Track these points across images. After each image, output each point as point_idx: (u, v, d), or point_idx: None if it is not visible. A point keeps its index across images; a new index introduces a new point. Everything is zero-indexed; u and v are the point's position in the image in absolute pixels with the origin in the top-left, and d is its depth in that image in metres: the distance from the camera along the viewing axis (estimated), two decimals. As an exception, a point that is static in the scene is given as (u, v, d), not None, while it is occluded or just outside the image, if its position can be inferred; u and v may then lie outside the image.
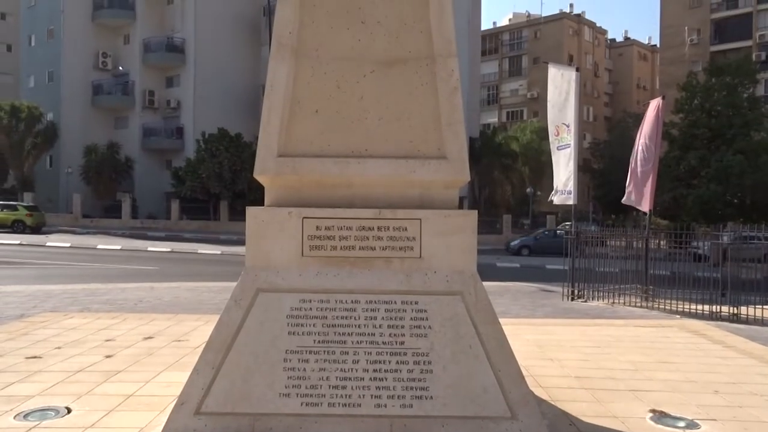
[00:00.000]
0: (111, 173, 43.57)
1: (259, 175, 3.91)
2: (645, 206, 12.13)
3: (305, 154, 3.89)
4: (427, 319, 3.78)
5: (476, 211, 3.97)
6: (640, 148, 12.42)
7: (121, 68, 47.86)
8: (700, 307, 10.24)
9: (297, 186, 3.92)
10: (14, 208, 35.30)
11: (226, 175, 38.16)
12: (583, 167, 44.58)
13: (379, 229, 3.82)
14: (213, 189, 38.69)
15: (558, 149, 12.71)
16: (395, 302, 3.80)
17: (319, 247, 3.83)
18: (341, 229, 3.83)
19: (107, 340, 6.85)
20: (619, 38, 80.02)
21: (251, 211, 3.89)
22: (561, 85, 12.71)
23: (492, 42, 73.57)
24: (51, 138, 44.58)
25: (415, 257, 3.83)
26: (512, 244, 32.70)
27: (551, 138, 12.94)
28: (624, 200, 12.58)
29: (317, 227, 3.83)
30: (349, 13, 3.90)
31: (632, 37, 78.89)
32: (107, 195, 44.15)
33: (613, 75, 76.97)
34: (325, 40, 3.90)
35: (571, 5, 73.19)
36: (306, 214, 3.83)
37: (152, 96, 47.22)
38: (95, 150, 43.53)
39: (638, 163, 12.42)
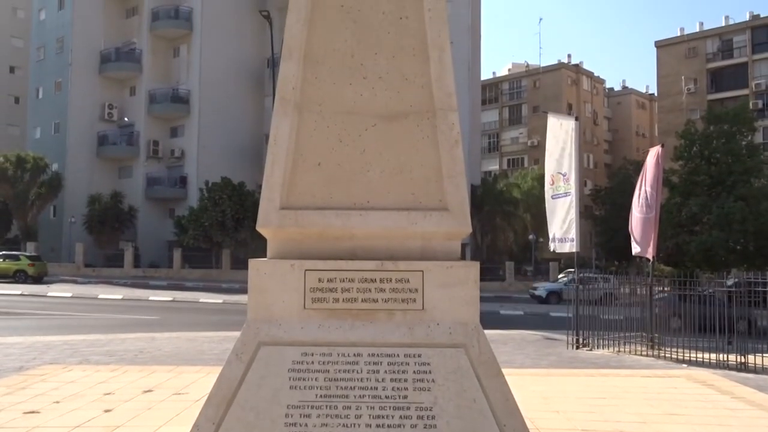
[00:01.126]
0: (114, 222, 43.77)
1: (261, 228, 3.93)
2: (649, 253, 12.12)
3: (308, 207, 3.91)
4: (430, 372, 3.74)
5: (478, 263, 3.97)
6: (641, 195, 12.49)
7: (126, 119, 48.63)
8: (707, 355, 10.12)
9: (299, 238, 3.93)
10: (16, 258, 35.36)
11: (228, 224, 38.29)
12: (584, 214, 44.67)
13: (381, 281, 3.82)
14: (215, 237, 38.76)
15: (552, 198, 12.78)
16: (398, 355, 3.76)
17: (321, 299, 3.82)
18: (343, 281, 3.82)
19: (106, 394, 6.76)
20: (617, 87, 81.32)
21: (254, 264, 3.89)
22: (559, 135, 12.87)
23: (492, 91, 74.80)
24: (55, 188, 44.95)
25: (417, 309, 3.81)
26: (537, 290, 29.78)
27: (546, 187, 13.04)
28: (634, 252, 12.56)
29: (319, 279, 3.82)
30: (352, 69, 3.98)
31: (630, 86, 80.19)
32: (110, 244, 44.24)
33: (612, 123, 77.92)
34: (328, 95, 3.98)
35: (569, 56, 74.77)
36: (308, 267, 3.83)
37: (156, 146, 47.83)
38: (99, 199, 43.84)
39: (640, 210, 12.48)
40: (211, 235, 38.72)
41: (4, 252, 36.71)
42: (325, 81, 3.98)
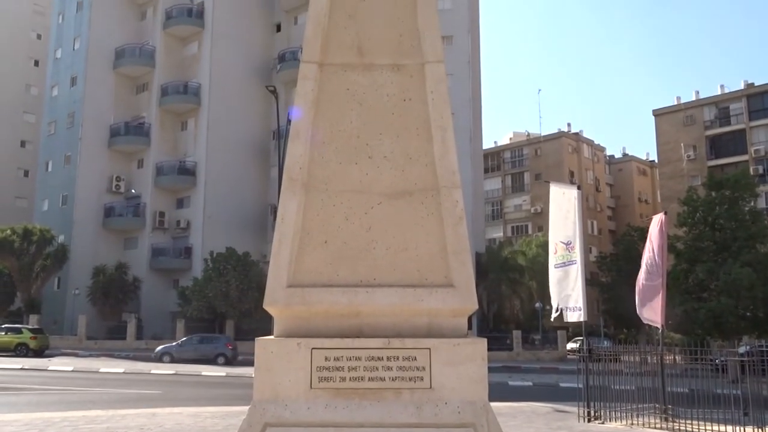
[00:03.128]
0: (118, 294, 43.63)
1: (268, 306, 3.94)
2: (658, 321, 12.00)
3: (314, 284, 3.94)
4: (439, 453, 3.66)
5: (485, 340, 3.94)
6: (647, 262, 12.48)
7: (133, 191, 49.26)
8: (722, 427, 9.86)
9: (306, 316, 3.94)
10: (18, 331, 35.07)
11: (233, 294, 38.12)
12: (590, 281, 44.38)
13: (388, 359, 3.79)
14: (219, 308, 38.52)
15: (555, 267, 12.74)
16: (406, 436, 3.69)
17: (327, 378, 3.78)
18: (350, 359, 3.79)
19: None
20: (618, 155, 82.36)
21: (260, 343, 3.88)
22: (562, 204, 12.97)
23: (494, 160, 75.84)
24: (60, 260, 45.06)
25: (425, 388, 3.77)
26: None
27: (550, 256, 13.04)
28: (644, 320, 12.45)
29: (326, 358, 3.80)
30: (357, 149, 4.09)
31: (630, 154, 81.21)
32: (113, 316, 43.95)
33: (614, 189, 78.55)
34: (334, 174, 4.07)
35: (569, 124, 76.13)
36: (315, 345, 3.81)
37: (162, 217, 48.25)
38: (103, 271, 43.86)
39: (647, 277, 12.44)
40: (215, 306, 38.49)
41: (6, 325, 36.45)
42: (331, 161, 4.08)
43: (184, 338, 33.82)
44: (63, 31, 53.25)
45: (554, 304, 12.66)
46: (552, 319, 13.01)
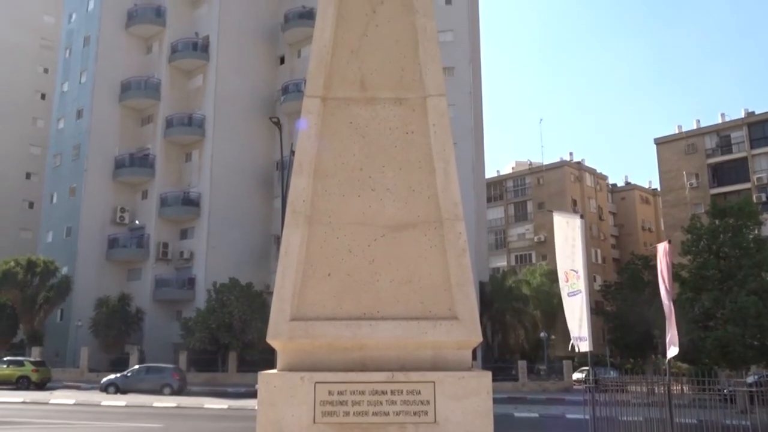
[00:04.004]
0: (120, 326, 43.38)
1: (272, 340, 3.92)
2: (671, 350, 11.90)
3: (318, 317, 3.92)
4: (444, 489, 3.60)
5: (490, 372, 3.91)
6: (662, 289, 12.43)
7: (137, 222, 49.37)
8: (733, 461, 9.69)
9: (309, 349, 3.91)
10: (20, 363, 34.88)
11: (236, 325, 37.91)
12: (596, 310, 44.10)
13: (392, 392, 3.76)
14: (222, 339, 38.26)
15: (569, 296, 12.71)
16: (411, 472, 3.64)
17: (331, 413, 3.74)
18: (354, 393, 3.76)
19: None
20: (620, 183, 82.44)
21: (263, 377, 3.85)
22: (567, 232, 12.98)
23: (497, 189, 75.97)
24: (64, 292, 44.93)
25: (429, 422, 3.72)
26: None
27: (561, 284, 12.99)
28: (668, 355, 12.34)
29: (329, 392, 3.76)
30: (360, 182, 4.11)
31: (632, 182, 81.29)
32: (115, 347, 43.67)
33: (617, 218, 78.48)
34: (338, 207, 4.08)
35: (571, 153, 76.33)
36: (318, 379, 3.78)
37: (166, 248, 48.25)
38: (106, 303, 43.70)
39: (666, 305, 12.37)
40: (218, 337, 38.25)
41: (8, 358, 36.24)
42: (334, 193, 4.10)
43: (132, 368, 33.52)
44: (70, 65, 53.98)
45: (572, 332, 12.57)
46: (570, 348, 12.89)
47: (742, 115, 59.13)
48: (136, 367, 33.39)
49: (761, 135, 56.84)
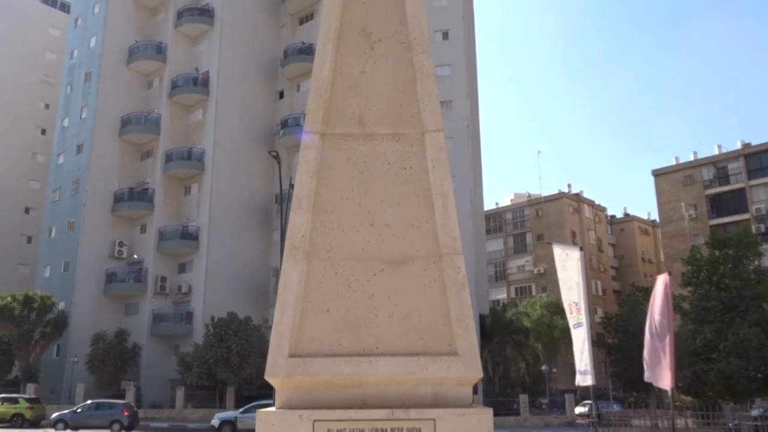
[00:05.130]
0: (117, 361, 42.89)
1: (270, 377, 3.87)
2: (666, 383, 11.76)
3: (316, 354, 3.88)
4: None
5: (491, 409, 3.85)
6: (653, 323, 12.33)
7: (135, 256, 49.20)
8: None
9: (308, 386, 3.86)
10: (15, 401, 34.41)
11: (234, 360, 37.50)
12: (597, 342, 43.71)
13: (392, 430, 3.70)
14: (220, 375, 37.81)
15: (574, 327, 12.65)
16: None
17: (330, 452, 3.68)
18: (353, 431, 3.70)
19: None
20: (619, 214, 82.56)
21: (261, 416, 3.79)
22: (567, 264, 12.97)
23: (496, 221, 76.05)
24: (60, 327, 44.56)
25: (430, 460, 3.66)
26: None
27: (568, 315, 12.94)
28: (645, 378, 12.24)
29: (329, 430, 3.70)
30: (359, 217, 4.11)
31: (631, 213, 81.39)
32: (111, 384, 43.07)
33: (617, 249, 78.42)
34: (336, 242, 4.07)
35: (569, 185, 76.62)
36: (317, 417, 3.73)
37: (164, 282, 47.99)
38: (103, 338, 43.25)
39: (653, 338, 12.27)
40: (216, 373, 37.80)
41: (2, 395, 35.75)
42: (333, 229, 4.10)
43: (81, 404, 33.14)
44: (71, 101, 54.44)
45: (577, 366, 12.48)
46: (578, 384, 12.77)
47: (739, 146, 59.55)
48: (88, 402, 32.94)
49: (758, 166, 57.16)
